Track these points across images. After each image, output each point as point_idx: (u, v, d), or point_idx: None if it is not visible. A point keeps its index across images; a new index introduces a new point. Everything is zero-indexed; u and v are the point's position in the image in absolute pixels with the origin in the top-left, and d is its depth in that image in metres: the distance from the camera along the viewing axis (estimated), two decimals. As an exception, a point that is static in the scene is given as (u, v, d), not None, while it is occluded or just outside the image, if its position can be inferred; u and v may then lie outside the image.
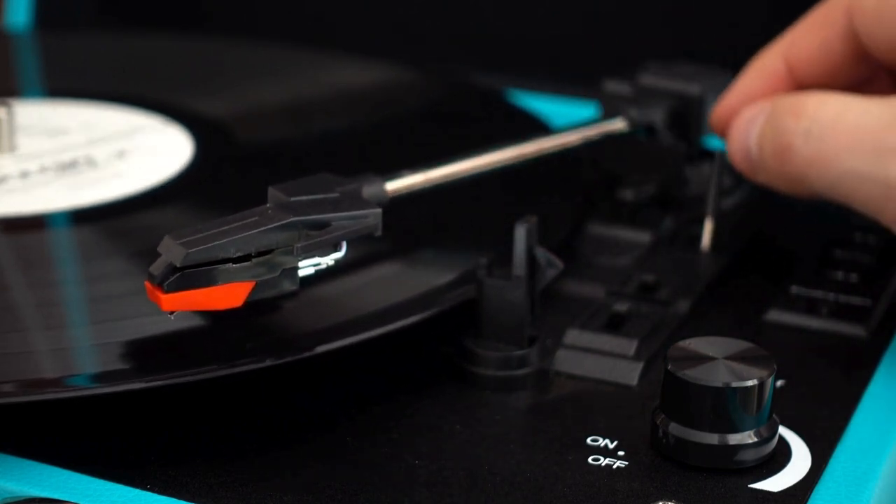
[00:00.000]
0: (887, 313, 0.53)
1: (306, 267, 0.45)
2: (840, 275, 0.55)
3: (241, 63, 0.71)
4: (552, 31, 0.76)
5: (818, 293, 0.54)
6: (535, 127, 0.64)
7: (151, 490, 0.43)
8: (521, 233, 0.48)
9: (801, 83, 0.55)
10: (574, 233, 0.56)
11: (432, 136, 0.64)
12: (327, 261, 0.46)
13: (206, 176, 0.58)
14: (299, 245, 0.45)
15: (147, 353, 0.45)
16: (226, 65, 0.71)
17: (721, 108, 0.56)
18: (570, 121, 0.65)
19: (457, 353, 0.49)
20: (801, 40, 0.55)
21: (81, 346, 0.47)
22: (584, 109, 0.66)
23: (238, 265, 0.44)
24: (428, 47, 0.78)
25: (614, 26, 0.75)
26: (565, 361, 0.50)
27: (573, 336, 0.50)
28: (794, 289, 0.54)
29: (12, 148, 0.60)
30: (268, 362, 0.45)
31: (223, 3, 0.82)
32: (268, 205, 0.46)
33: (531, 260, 0.48)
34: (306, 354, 0.46)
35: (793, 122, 0.50)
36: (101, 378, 0.45)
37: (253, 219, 0.45)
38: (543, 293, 0.49)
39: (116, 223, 0.54)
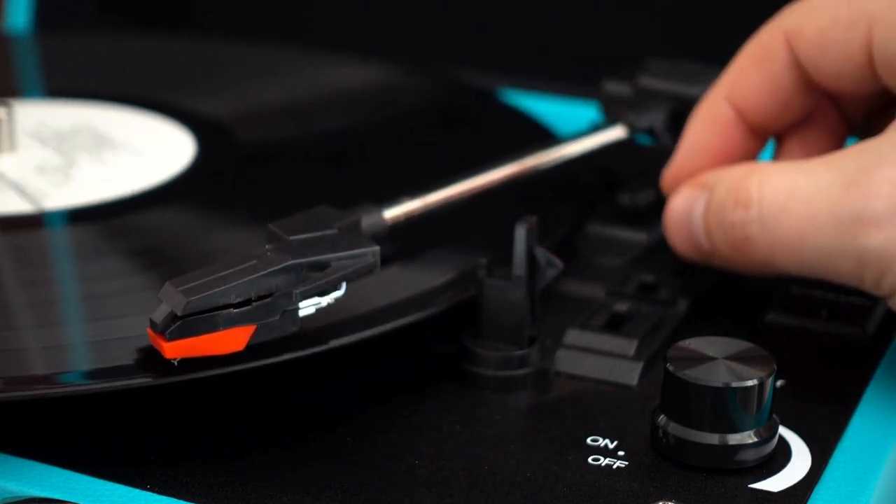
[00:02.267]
0: (887, 314, 0.53)
1: (307, 307, 0.46)
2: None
3: (240, 63, 0.71)
4: (552, 30, 0.76)
5: (818, 293, 0.54)
6: (532, 127, 0.64)
7: (151, 490, 0.43)
8: (521, 233, 0.48)
9: (752, 122, 0.53)
10: (574, 233, 0.56)
11: (431, 136, 0.64)
12: (328, 300, 0.46)
13: (207, 176, 0.58)
14: (298, 291, 0.45)
15: (146, 351, 0.45)
16: (226, 65, 0.71)
17: (673, 170, 0.54)
18: (569, 121, 0.66)
19: (457, 353, 0.49)
20: (744, 79, 0.53)
21: (79, 343, 0.47)
22: (583, 109, 0.66)
23: (239, 310, 0.44)
24: (427, 47, 0.78)
25: (614, 26, 0.75)
26: (565, 361, 0.50)
27: (573, 336, 0.50)
28: (794, 289, 0.54)
29: (12, 148, 0.60)
30: (267, 360, 0.45)
31: (223, 4, 0.82)
32: (266, 246, 0.46)
33: (531, 260, 0.48)
34: (306, 352, 0.46)
35: (742, 212, 0.48)
36: (99, 375, 0.45)
37: (252, 262, 0.45)
38: (543, 293, 0.49)
39: (116, 223, 0.54)
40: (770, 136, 0.54)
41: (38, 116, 0.64)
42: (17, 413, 0.46)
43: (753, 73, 0.52)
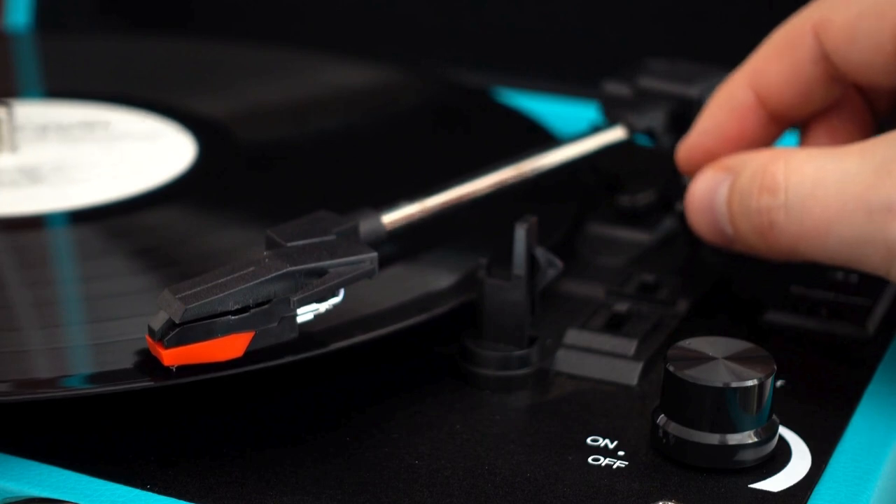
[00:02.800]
0: (887, 313, 0.53)
1: (305, 313, 0.46)
2: (840, 275, 0.55)
3: (240, 63, 0.71)
4: (552, 30, 0.76)
5: (818, 293, 0.54)
6: (532, 127, 0.64)
7: (151, 490, 0.43)
8: (520, 233, 0.48)
9: (773, 110, 0.53)
10: (574, 232, 0.56)
11: (431, 136, 0.64)
12: (325, 306, 0.46)
13: (208, 177, 0.58)
14: (295, 298, 0.45)
15: (148, 352, 0.45)
16: (226, 65, 0.71)
17: (687, 146, 0.54)
18: (569, 121, 0.66)
19: (457, 353, 0.49)
20: (768, 67, 0.52)
21: (81, 346, 0.47)
22: (583, 109, 0.66)
23: (237, 317, 0.44)
24: (426, 47, 0.78)
25: (614, 26, 0.75)
26: (565, 361, 0.50)
27: (573, 336, 0.50)
28: (794, 289, 0.54)
29: (13, 148, 0.60)
30: (268, 363, 0.45)
31: (223, 4, 0.82)
32: (264, 252, 0.46)
33: (531, 260, 0.48)
34: (307, 355, 0.46)
35: (768, 198, 0.48)
36: (102, 378, 0.45)
37: (250, 269, 0.45)
38: (543, 293, 0.49)
39: (117, 224, 0.54)
40: (791, 124, 0.54)
41: (37, 116, 0.64)
42: (17, 413, 0.46)
43: (778, 61, 0.52)
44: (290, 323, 0.45)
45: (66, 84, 0.68)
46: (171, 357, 0.43)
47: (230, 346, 0.44)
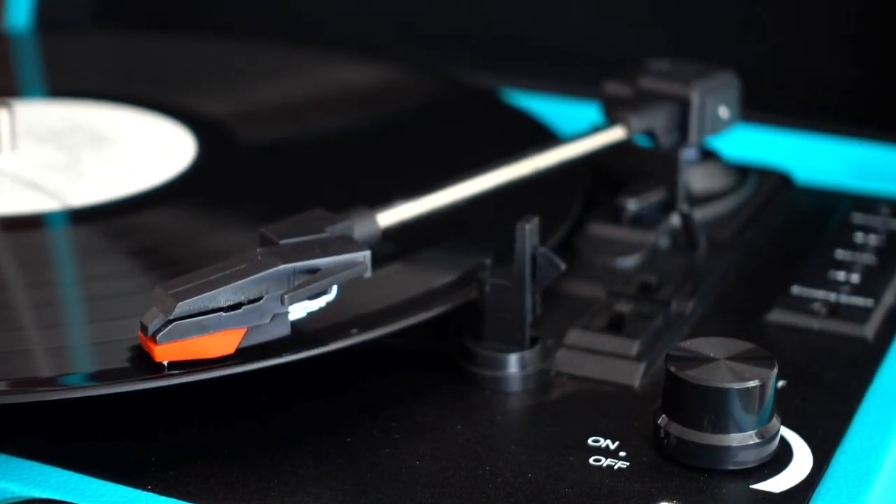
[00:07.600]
0: (888, 314, 0.53)
1: (298, 311, 0.46)
2: (840, 275, 0.55)
3: (240, 63, 0.71)
4: (552, 30, 0.76)
5: (819, 293, 0.54)
6: (533, 127, 0.64)
7: (152, 490, 0.43)
8: (522, 233, 0.48)
9: None
10: (574, 233, 0.56)
11: (432, 135, 0.64)
12: (318, 304, 0.46)
13: (208, 176, 0.58)
14: (287, 295, 0.45)
15: (145, 353, 0.45)
16: (226, 65, 0.71)
17: None
18: (569, 121, 0.65)
19: (457, 353, 0.49)
20: None
21: (81, 345, 0.47)
22: (583, 109, 0.66)
23: (228, 314, 0.44)
24: (426, 46, 0.78)
25: (614, 26, 0.75)
26: (566, 362, 0.49)
27: (574, 336, 0.50)
28: (795, 289, 0.54)
29: (13, 148, 0.60)
30: (268, 362, 0.45)
31: (223, 4, 0.82)
32: (258, 250, 0.46)
33: (532, 260, 0.48)
34: (307, 354, 0.46)
35: None
36: (101, 377, 0.45)
37: (242, 266, 0.45)
38: (544, 293, 0.49)
39: (117, 223, 0.54)
40: None
41: (38, 116, 0.64)
42: (17, 413, 0.46)
43: None
44: (283, 320, 0.45)
45: (67, 84, 0.68)
46: (163, 353, 0.43)
47: (222, 343, 0.44)
